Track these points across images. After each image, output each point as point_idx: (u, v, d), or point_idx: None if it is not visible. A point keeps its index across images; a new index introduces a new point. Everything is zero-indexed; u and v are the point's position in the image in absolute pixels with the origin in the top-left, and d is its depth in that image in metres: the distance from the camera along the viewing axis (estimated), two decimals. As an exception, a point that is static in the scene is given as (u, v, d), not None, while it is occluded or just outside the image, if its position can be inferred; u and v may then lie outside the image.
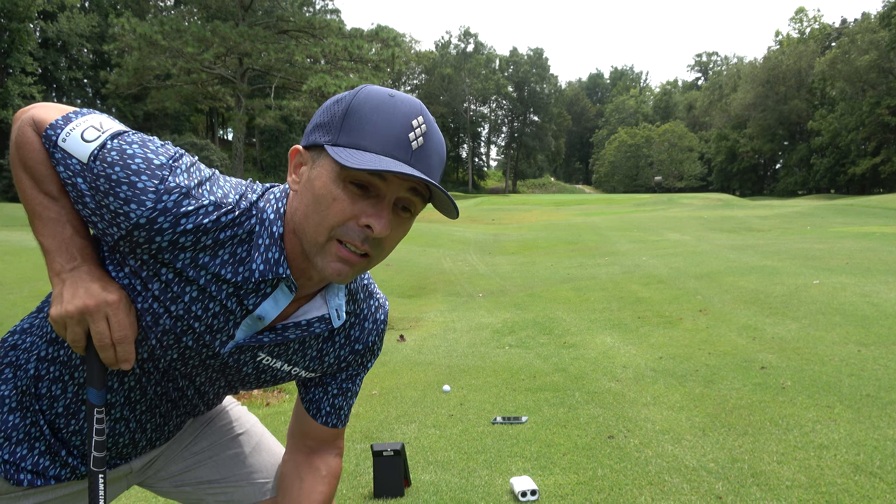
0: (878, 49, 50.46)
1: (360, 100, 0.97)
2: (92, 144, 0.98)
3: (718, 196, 45.08)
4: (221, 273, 1.02)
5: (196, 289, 1.03)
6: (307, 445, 1.32)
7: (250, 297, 1.05)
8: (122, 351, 1.04)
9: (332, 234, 0.97)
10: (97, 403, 1.09)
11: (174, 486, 1.39)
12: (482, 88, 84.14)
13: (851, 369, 4.68)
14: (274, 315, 1.08)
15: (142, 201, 0.95)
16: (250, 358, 1.14)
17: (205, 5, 34.15)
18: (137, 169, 0.96)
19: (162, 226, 0.96)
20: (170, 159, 0.99)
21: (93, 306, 1.00)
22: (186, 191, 0.97)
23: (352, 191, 0.95)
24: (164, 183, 0.96)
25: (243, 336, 1.09)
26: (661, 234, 18.95)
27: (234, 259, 1.02)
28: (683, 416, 3.95)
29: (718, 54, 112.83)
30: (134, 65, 26.94)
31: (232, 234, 1.01)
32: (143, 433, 1.25)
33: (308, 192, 0.98)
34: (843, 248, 12.05)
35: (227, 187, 1.04)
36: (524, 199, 55.46)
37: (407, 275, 12.05)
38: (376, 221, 0.96)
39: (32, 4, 37.45)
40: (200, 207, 0.98)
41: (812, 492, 2.83)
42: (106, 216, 0.97)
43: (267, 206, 1.04)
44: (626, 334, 6.53)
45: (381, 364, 5.98)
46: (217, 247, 1.01)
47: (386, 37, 27.60)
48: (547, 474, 3.20)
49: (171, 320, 1.05)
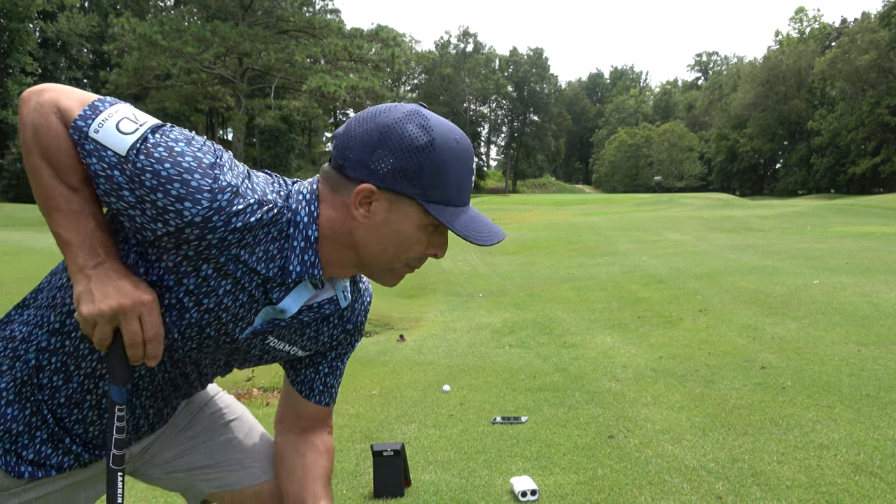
0: (878, 49, 50.44)
1: (442, 150, 1.04)
2: (131, 137, 0.96)
3: (718, 196, 45.08)
4: (257, 268, 1.06)
5: (231, 282, 1.06)
6: (300, 426, 1.36)
7: (276, 291, 1.10)
8: (152, 349, 1.05)
9: (405, 263, 1.14)
10: (120, 401, 1.08)
11: (166, 472, 1.39)
12: (482, 88, 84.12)
13: (851, 369, 4.68)
14: (295, 309, 1.13)
15: (197, 200, 0.96)
16: (260, 341, 1.18)
17: (205, 5, 34.15)
18: (189, 167, 0.96)
19: (216, 224, 0.98)
20: (216, 157, 1.00)
21: (128, 305, 1.00)
22: (236, 189, 1.00)
23: (430, 232, 1.11)
24: (218, 182, 0.98)
25: (261, 322, 1.14)
26: (661, 233, 18.95)
27: (268, 256, 1.06)
28: (683, 416, 3.95)
29: (718, 54, 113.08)
30: (134, 65, 26.93)
31: (267, 232, 1.04)
32: (146, 418, 1.25)
33: (388, 231, 1.07)
34: (843, 247, 12.05)
35: (262, 183, 1.06)
36: (524, 199, 55.46)
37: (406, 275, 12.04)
38: (441, 251, 1.16)
39: (32, 4, 37.45)
40: (248, 206, 1.00)
41: (812, 492, 2.83)
42: (149, 211, 0.96)
43: (299, 207, 1.08)
44: (626, 334, 6.52)
45: (381, 364, 5.98)
46: (255, 244, 1.04)
47: (386, 37, 27.60)
48: (547, 474, 3.20)
49: (199, 313, 1.07)
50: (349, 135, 1.06)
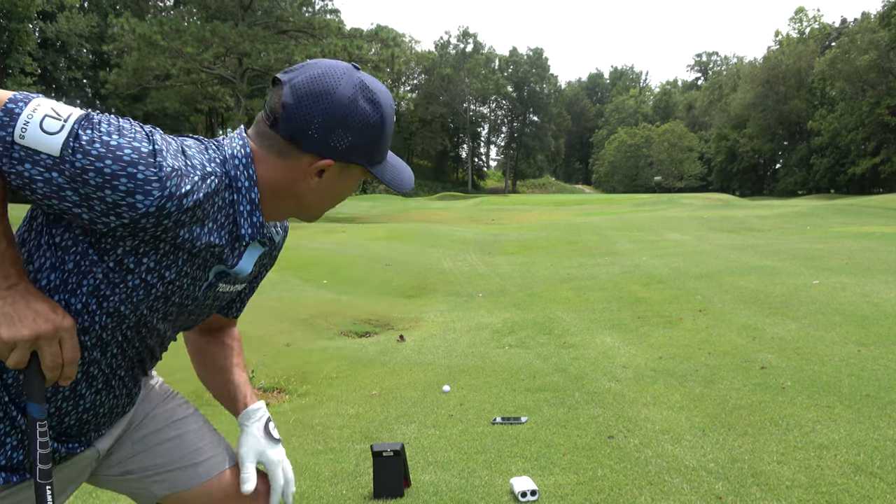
0: (877, 49, 50.43)
1: (387, 124, 1.15)
2: (60, 135, 0.93)
3: (718, 196, 45.06)
4: (211, 239, 1.10)
5: (186, 253, 1.10)
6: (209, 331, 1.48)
7: (230, 257, 1.16)
8: (69, 370, 1.07)
9: None
10: (40, 417, 1.07)
11: (118, 473, 1.37)
12: (482, 88, 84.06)
13: (851, 369, 4.68)
14: (249, 269, 1.22)
15: (147, 192, 0.97)
16: (213, 291, 1.24)
17: (204, 5, 34.16)
18: (131, 160, 0.95)
19: (170, 210, 1.00)
20: (152, 143, 1.00)
21: (50, 331, 1.01)
22: (181, 172, 1.02)
23: None
24: (163, 170, 0.99)
25: (213, 277, 1.19)
26: (661, 234, 18.94)
27: (217, 224, 1.11)
28: (683, 416, 3.94)
29: (718, 54, 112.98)
30: (133, 65, 26.93)
31: (212, 203, 1.08)
32: (117, 399, 1.25)
33: (335, 191, 1.19)
34: (843, 247, 12.05)
35: (198, 155, 1.08)
36: (524, 199, 55.44)
37: (407, 275, 12.04)
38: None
39: (32, 4, 37.43)
40: (195, 185, 1.04)
41: (812, 492, 2.83)
42: (98, 207, 0.96)
43: (237, 173, 1.12)
44: (625, 334, 6.52)
45: (381, 364, 5.98)
46: (205, 217, 1.08)
47: (385, 37, 27.62)
48: (547, 474, 3.20)
49: (164, 286, 1.11)
50: (304, 112, 1.08)
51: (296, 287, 10.22)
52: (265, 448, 1.37)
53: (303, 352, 6.50)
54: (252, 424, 1.39)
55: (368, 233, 20.02)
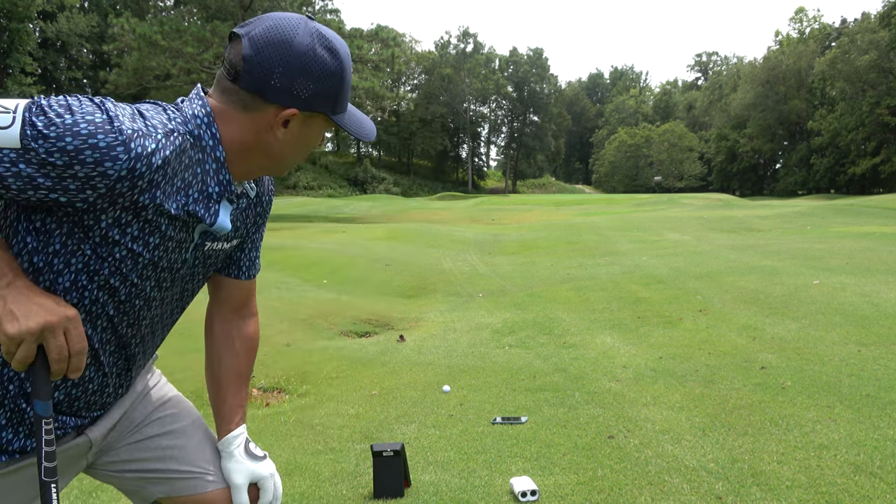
0: (878, 49, 50.40)
1: (346, 71, 1.18)
2: (14, 128, 0.94)
3: (718, 196, 45.04)
4: (179, 197, 1.11)
5: (166, 217, 1.11)
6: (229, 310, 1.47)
7: (205, 216, 1.17)
8: (76, 362, 1.07)
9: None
10: (45, 415, 1.06)
11: (117, 470, 1.38)
12: (482, 88, 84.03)
13: (851, 369, 4.68)
14: (229, 226, 1.23)
15: (114, 157, 0.99)
16: (202, 251, 1.25)
17: (205, 5, 34.11)
18: (89, 131, 0.98)
19: (141, 170, 1.03)
20: (104, 111, 1.01)
21: (56, 322, 1.02)
22: (141, 132, 1.04)
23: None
24: (123, 133, 1.01)
25: (198, 236, 1.21)
26: (661, 234, 18.94)
27: (186, 183, 1.12)
28: (683, 417, 3.94)
29: (718, 54, 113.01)
30: (133, 65, 26.92)
31: (180, 161, 1.10)
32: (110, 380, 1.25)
33: (301, 142, 1.21)
34: (843, 247, 12.05)
35: (157, 115, 1.10)
36: (524, 199, 55.42)
37: (407, 275, 12.04)
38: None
39: (32, 4, 37.44)
40: (158, 143, 1.05)
41: (812, 492, 2.83)
42: (72, 186, 0.99)
43: (199, 131, 1.13)
44: (626, 334, 6.52)
45: (381, 364, 5.98)
46: (174, 176, 1.09)
47: (386, 37, 27.59)
48: (547, 474, 3.20)
49: (150, 252, 1.12)
50: (265, 62, 1.10)
51: (296, 287, 10.22)
52: (253, 467, 1.41)
53: (303, 352, 6.50)
54: (234, 450, 1.41)
55: (368, 233, 20.02)
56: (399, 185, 68.28)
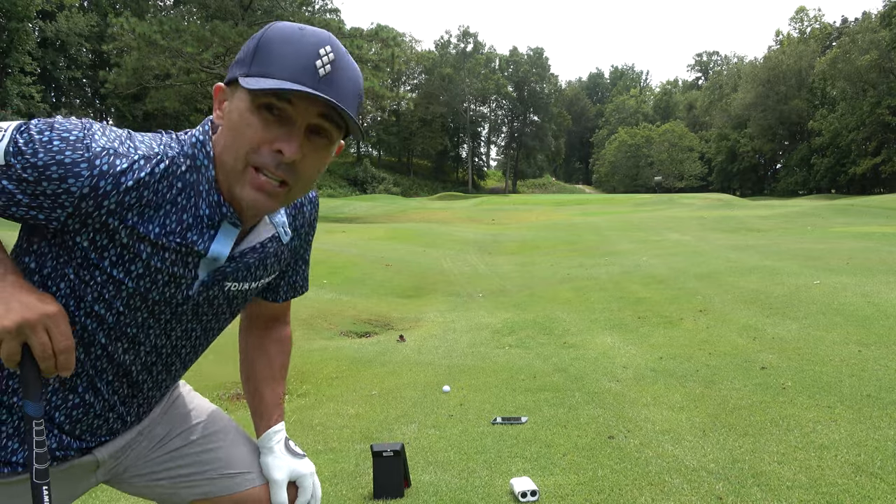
0: (878, 49, 50.40)
1: (271, 33, 1.03)
2: (2, 143, 0.97)
3: (719, 196, 45.04)
4: (166, 223, 1.06)
5: (149, 244, 1.06)
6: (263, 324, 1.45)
7: (198, 243, 1.09)
8: (63, 360, 1.03)
9: (248, 161, 1.02)
10: (35, 415, 1.04)
11: (148, 482, 1.37)
12: (482, 88, 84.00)
13: (852, 369, 4.67)
14: (226, 253, 1.12)
15: (77, 173, 0.97)
16: (219, 291, 1.18)
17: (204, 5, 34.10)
18: (59, 148, 0.97)
19: (105, 189, 0.99)
20: (83, 129, 1.01)
21: (34, 319, 0.99)
22: (114, 151, 1.01)
23: (264, 117, 1.00)
24: (90, 150, 0.99)
25: (206, 273, 1.13)
26: (662, 234, 18.93)
27: (178, 208, 1.06)
28: (684, 417, 3.94)
29: (719, 54, 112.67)
30: (133, 64, 26.92)
31: (170, 185, 1.05)
32: (112, 406, 1.22)
33: (226, 125, 1.04)
34: (844, 248, 12.04)
35: (148, 140, 1.07)
36: (524, 199, 55.42)
37: (406, 275, 12.04)
38: (286, 145, 1.00)
39: (31, 4, 37.44)
40: (133, 163, 1.02)
41: (812, 492, 2.82)
42: (45, 203, 0.98)
43: (195, 151, 1.08)
44: (626, 334, 6.52)
45: (381, 364, 5.98)
46: (160, 199, 1.05)
47: (386, 36, 27.60)
48: (547, 475, 3.20)
49: (134, 281, 1.08)
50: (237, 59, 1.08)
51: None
52: (295, 465, 1.39)
53: (303, 352, 6.49)
54: (275, 446, 1.39)
55: (368, 233, 20.02)
56: (399, 185, 68.27)
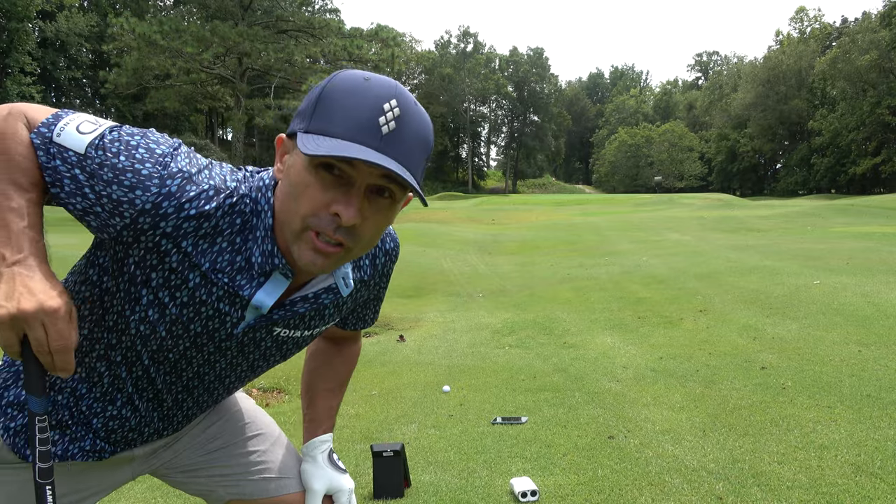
0: (878, 49, 50.41)
1: (334, 84, 0.96)
2: (89, 136, 0.98)
3: (719, 196, 45.04)
4: (218, 261, 1.04)
5: (199, 274, 1.04)
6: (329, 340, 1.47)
7: (245, 288, 1.06)
8: (59, 360, 0.98)
9: (306, 224, 0.97)
10: (38, 412, 1.01)
11: (188, 478, 1.39)
12: (482, 88, 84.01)
13: (852, 369, 4.67)
14: (270, 303, 1.08)
15: (146, 187, 0.96)
16: (266, 334, 1.15)
17: (204, 5, 34.12)
18: (142, 157, 0.97)
19: (167, 211, 0.98)
20: (171, 147, 1.01)
21: (30, 312, 0.94)
22: (188, 176, 1.00)
23: (323, 178, 0.94)
24: (167, 169, 0.98)
25: (253, 318, 1.10)
26: (662, 234, 18.93)
27: (233, 248, 1.04)
28: (684, 417, 3.94)
29: (719, 54, 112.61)
30: (133, 65, 26.92)
31: (230, 223, 1.03)
32: (148, 422, 1.23)
33: (285, 182, 0.99)
34: (844, 248, 12.04)
35: (224, 174, 1.06)
36: (524, 199, 55.42)
37: (406, 275, 12.04)
38: (344, 209, 0.94)
39: (31, 4, 37.44)
40: (202, 192, 1.00)
41: (813, 492, 2.82)
42: (107, 206, 0.97)
43: (259, 195, 1.05)
44: (626, 334, 6.52)
45: (381, 364, 5.98)
46: (216, 234, 1.03)
47: (386, 36, 27.61)
48: (547, 475, 3.20)
49: (178, 308, 1.06)
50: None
51: (296, 287, 10.22)
52: (335, 477, 1.39)
53: (303, 352, 6.49)
54: (318, 455, 1.39)
55: (368, 233, 19.96)
56: (399, 185, 68.14)
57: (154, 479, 3.35)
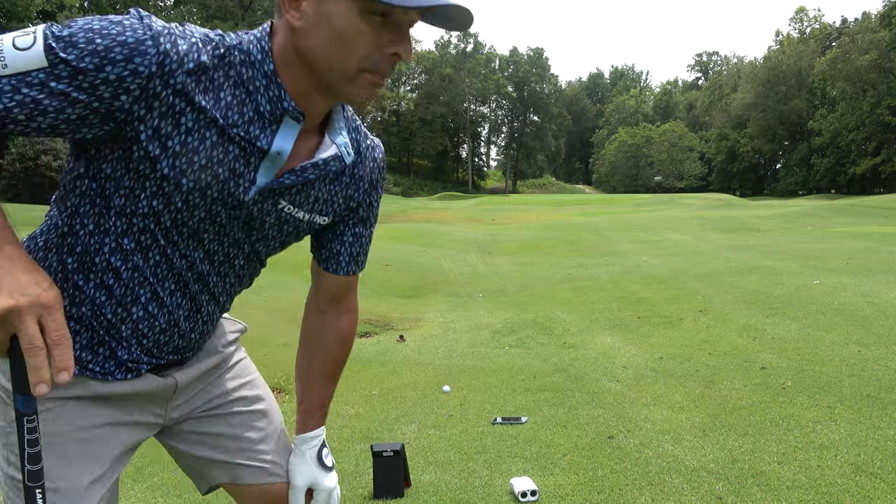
0: (878, 49, 50.43)
1: None
2: (37, 44, 0.90)
3: (719, 196, 45.04)
4: (229, 115, 1.03)
5: (215, 132, 1.03)
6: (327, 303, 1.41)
7: (261, 137, 1.06)
8: (59, 355, 0.91)
9: (361, 66, 1.01)
10: (26, 411, 0.94)
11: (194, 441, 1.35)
12: (482, 88, 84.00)
13: (852, 369, 4.67)
14: (289, 147, 1.08)
15: (143, 52, 0.93)
16: (272, 206, 1.15)
17: (204, 5, 34.15)
18: (118, 30, 0.93)
19: (171, 68, 0.96)
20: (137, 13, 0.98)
21: (25, 306, 0.87)
22: (173, 31, 0.98)
23: (376, 22, 0.98)
24: (152, 29, 0.95)
25: (265, 179, 1.10)
26: (662, 234, 18.94)
27: (237, 101, 1.04)
28: (684, 417, 3.94)
29: (719, 54, 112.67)
30: (134, 65, 26.91)
31: (225, 75, 1.03)
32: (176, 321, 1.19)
33: (325, 29, 0.99)
34: (844, 248, 12.04)
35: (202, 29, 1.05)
36: (524, 199, 55.42)
37: (406, 275, 12.03)
38: (403, 49, 1.01)
39: (31, 4, 37.46)
40: (192, 45, 0.99)
41: (812, 492, 2.83)
42: (106, 92, 0.93)
43: (250, 47, 1.04)
44: (626, 334, 6.52)
45: (381, 364, 5.98)
46: (218, 89, 1.02)
47: (386, 37, 27.58)
48: (547, 475, 3.20)
49: (195, 173, 1.04)
50: None
51: (296, 287, 10.22)
52: (318, 475, 1.38)
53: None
54: (307, 451, 1.39)
55: (368, 233, 19.96)
56: (399, 185, 68.23)
57: (154, 479, 3.36)
